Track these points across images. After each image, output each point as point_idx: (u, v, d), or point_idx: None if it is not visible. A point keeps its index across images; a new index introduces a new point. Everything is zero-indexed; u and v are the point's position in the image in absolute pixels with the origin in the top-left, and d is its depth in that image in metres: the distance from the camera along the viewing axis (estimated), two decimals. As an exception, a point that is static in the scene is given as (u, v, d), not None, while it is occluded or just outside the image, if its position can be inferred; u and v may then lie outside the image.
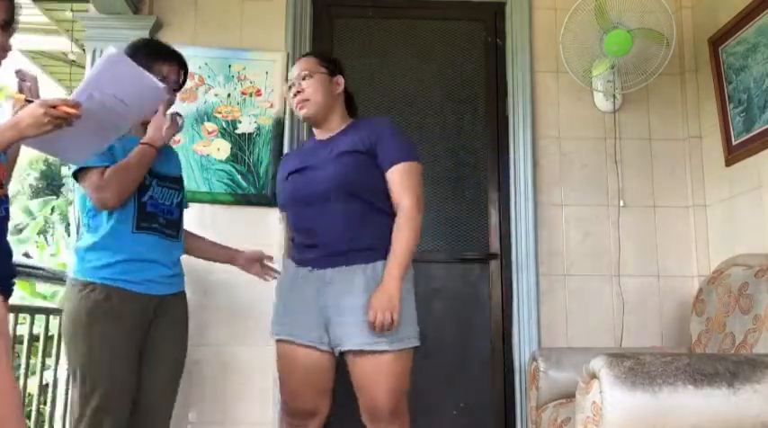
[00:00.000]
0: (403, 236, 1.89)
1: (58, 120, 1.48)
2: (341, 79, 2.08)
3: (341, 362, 1.98)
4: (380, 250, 1.90)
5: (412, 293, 1.97)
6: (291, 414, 1.99)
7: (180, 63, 2.09)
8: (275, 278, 2.26)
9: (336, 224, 1.90)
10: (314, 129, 2.12)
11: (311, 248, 1.94)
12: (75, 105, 1.51)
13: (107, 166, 1.90)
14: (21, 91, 1.59)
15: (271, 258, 2.33)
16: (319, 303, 1.90)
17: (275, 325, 2.00)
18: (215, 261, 2.38)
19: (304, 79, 2.00)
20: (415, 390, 2.04)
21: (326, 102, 2.02)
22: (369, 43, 3.32)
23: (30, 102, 1.54)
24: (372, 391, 1.87)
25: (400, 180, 1.92)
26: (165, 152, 2.10)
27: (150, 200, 2.02)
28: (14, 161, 1.79)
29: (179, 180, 2.18)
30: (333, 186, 1.90)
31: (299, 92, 2.00)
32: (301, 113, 2.02)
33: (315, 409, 1.96)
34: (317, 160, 1.98)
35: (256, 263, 2.31)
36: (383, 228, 1.92)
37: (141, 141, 1.94)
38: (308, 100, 2.00)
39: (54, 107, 1.47)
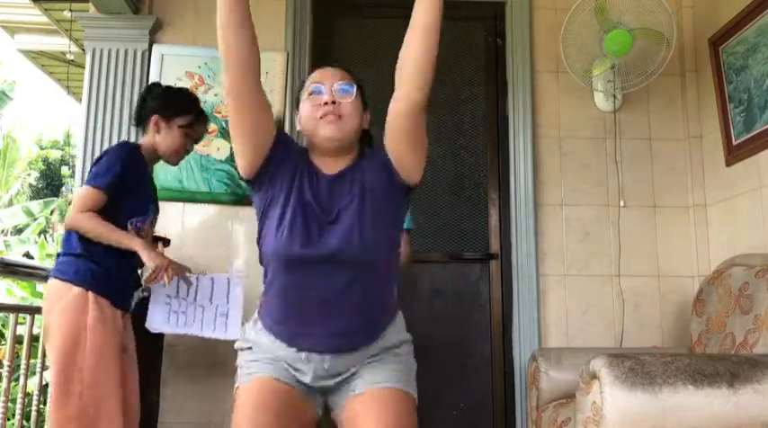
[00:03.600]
0: None
1: (164, 277, 2.11)
2: (368, 116, 1.65)
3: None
4: (379, 330, 1.56)
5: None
6: None
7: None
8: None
9: (343, 296, 1.49)
10: (318, 159, 1.59)
11: (301, 324, 1.52)
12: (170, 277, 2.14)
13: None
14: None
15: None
16: (314, 377, 1.54)
17: (253, 367, 1.54)
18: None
19: (343, 93, 1.55)
20: (416, 390, 2.04)
21: (357, 132, 1.59)
22: (369, 43, 3.32)
23: (161, 239, 2.49)
24: (380, 421, 1.47)
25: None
26: None
27: None
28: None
29: None
30: (359, 254, 1.48)
31: (334, 103, 1.53)
32: (329, 131, 1.52)
33: None
34: (331, 204, 1.53)
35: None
36: (386, 307, 1.60)
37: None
38: (341, 118, 1.53)
39: (170, 273, 2.12)
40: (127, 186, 2.10)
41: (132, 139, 2.97)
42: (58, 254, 2.14)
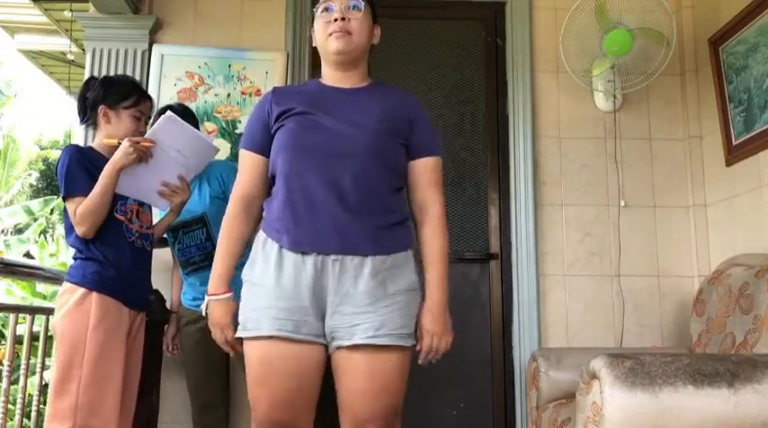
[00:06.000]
0: (442, 243, 1.66)
1: (139, 151, 2.07)
2: (378, 30, 1.77)
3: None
4: (386, 245, 1.60)
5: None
6: None
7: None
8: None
9: (353, 197, 1.56)
10: (329, 73, 1.73)
11: (309, 225, 1.56)
12: (150, 141, 2.11)
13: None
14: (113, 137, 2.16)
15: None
16: (316, 285, 1.54)
17: (255, 320, 1.55)
18: None
19: (352, 9, 1.67)
20: (416, 390, 2.04)
21: (366, 46, 1.71)
22: (369, 43, 3.32)
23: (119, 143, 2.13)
24: (371, 394, 1.53)
25: (432, 175, 1.69)
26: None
27: (180, 250, 2.48)
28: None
29: (200, 218, 2.44)
30: (369, 147, 1.58)
31: (344, 19, 1.64)
32: (337, 45, 1.64)
33: (299, 420, 1.57)
34: (344, 111, 1.64)
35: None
36: (394, 220, 1.63)
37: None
38: (351, 33, 1.65)
39: (137, 142, 2.07)
40: (92, 183, 2.06)
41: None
42: (74, 258, 2.17)
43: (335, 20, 1.64)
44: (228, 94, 3.11)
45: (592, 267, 3.06)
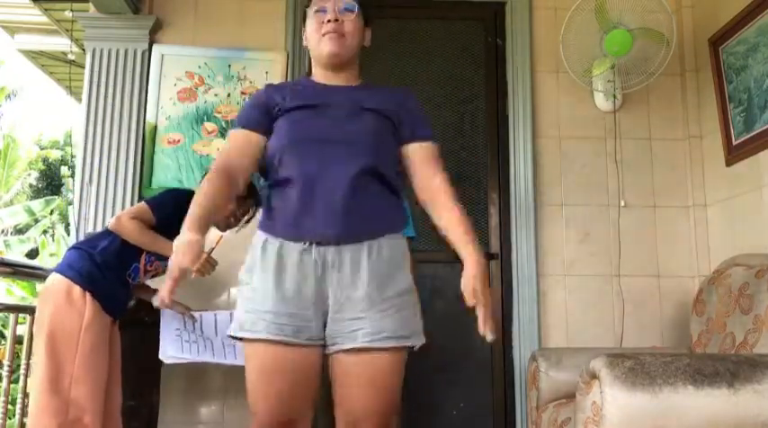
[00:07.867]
0: (464, 214, 1.67)
1: (202, 269, 2.22)
2: (369, 33, 1.79)
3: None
4: (384, 222, 1.63)
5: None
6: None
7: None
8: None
9: (351, 181, 1.56)
10: (320, 73, 1.73)
11: (309, 210, 1.56)
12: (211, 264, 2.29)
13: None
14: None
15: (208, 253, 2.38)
16: (318, 293, 1.55)
17: (252, 322, 1.54)
18: None
19: (345, 11, 1.67)
20: (416, 390, 2.04)
21: (357, 49, 1.73)
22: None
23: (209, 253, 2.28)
24: (369, 395, 1.55)
25: (434, 158, 1.69)
26: None
27: None
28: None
29: None
30: (365, 137, 1.60)
31: (336, 21, 1.65)
32: (331, 47, 1.65)
33: (299, 418, 1.57)
34: (338, 103, 1.65)
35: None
36: (390, 204, 1.67)
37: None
38: (344, 35, 1.66)
39: (207, 261, 2.23)
40: (167, 229, 2.20)
41: (133, 135, 3.05)
42: (73, 247, 2.24)
43: (329, 21, 1.65)
44: (228, 94, 3.11)
45: (592, 267, 3.06)
